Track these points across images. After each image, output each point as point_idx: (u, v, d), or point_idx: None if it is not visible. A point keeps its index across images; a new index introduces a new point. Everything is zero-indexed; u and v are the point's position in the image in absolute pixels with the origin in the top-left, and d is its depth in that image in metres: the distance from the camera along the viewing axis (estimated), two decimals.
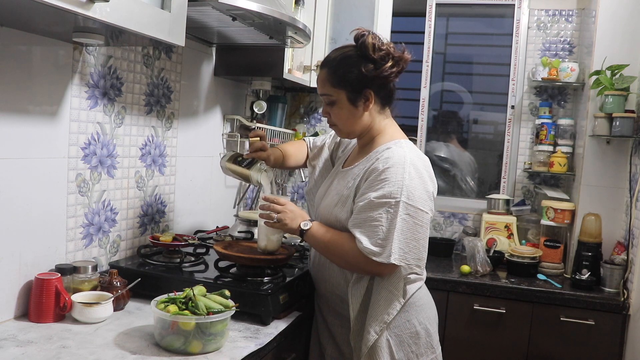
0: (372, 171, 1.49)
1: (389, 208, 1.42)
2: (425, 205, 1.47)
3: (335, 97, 1.55)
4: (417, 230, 1.45)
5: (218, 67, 2.36)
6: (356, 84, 1.52)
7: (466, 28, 3.23)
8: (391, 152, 1.50)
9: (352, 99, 1.54)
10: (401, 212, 1.42)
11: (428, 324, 1.59)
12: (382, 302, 1.49)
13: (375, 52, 1.49)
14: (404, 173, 1.44)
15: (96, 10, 1.08)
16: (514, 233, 2.71)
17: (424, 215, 1.46)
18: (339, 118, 1.58)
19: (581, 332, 2.27)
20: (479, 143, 3.15)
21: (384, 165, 1.46)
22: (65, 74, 1.56)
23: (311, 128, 3.14)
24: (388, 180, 1.44)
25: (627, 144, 2.44)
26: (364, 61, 1.50)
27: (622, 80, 2.34)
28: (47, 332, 1.36)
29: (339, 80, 1.53)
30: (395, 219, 1.42)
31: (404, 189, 1.43)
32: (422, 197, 1.46)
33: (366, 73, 1.50)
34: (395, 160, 1.47)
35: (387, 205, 1.42)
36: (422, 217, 1.46)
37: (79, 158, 1.64)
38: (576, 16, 2.80)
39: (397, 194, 1.42)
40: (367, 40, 1.49)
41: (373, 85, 1.52)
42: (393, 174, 1.44)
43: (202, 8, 1.61)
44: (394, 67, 1.51)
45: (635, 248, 2.25)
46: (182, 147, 2.17)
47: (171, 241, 1.81)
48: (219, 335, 1.32)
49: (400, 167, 1.45)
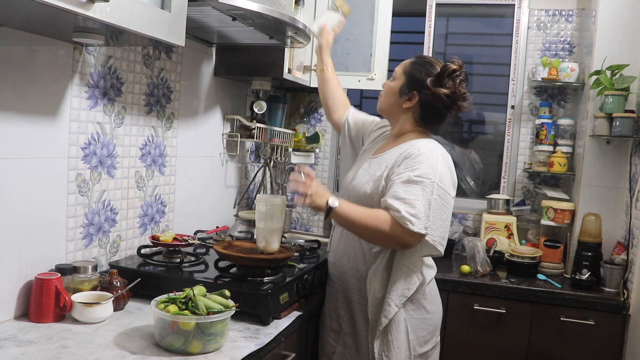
0: (407, 155, 1.63)
1: (424, 187, 1.55)
2: (452, 190, 1.63)
3: (397, 78, 1.76)
4: (444, 211, 1.59)
5: (218, 67, 2.36)
6: (414, 82, 1.71)
7: (466, 28, 3.23)
8: (423, 143, 1.67)
9: (402, 89, 1.73)
10: (435, 192, 1.56)
11: (436, 315, 1.77)
12: (403, 277, 1.62)
13: (447, 77, 1.66)
14: (437, 160, 1.61)
15: (96, 10, 1.08)
16: (514, 233, 2.71)
17: (450, 199, 1.62)
18: (386, 92, 1.80)
19: (581, 332, 2.27)
20: (479, 143, 3.15)
21: (419, 151, 1.62)
22: (65, 74, 1.56)
23: (311, 128, 3.14)
24: (424, 162, 1.59)
25: (627, 144, 2.44)
26: (434, 76, 1.67)
27: (622, 80, 2.34)
28: (47, 332, 1.36)
29: (410, 71, 1.73)
30: (431, 197, 1.55)
31: (437, 173, 1.58)
32: (450, 184, 1.62)
33: (426, 81, 1.68)
34: (429, 148, 1.64)
35: (423, 184, 1.55)
36: (449, 201, 1.61)
37: (79, 158, 1.64)
38: (576, 16, 2.80)
39: (432, 175, 1.57)
40: (450, 67, 1.66)
41: (422, 93, 1.69)
42: (428, 159, 1.60)
43: (202, 8, 1.61)
44: (447, 99, 1.67)
45: (635, 248, 2.25)
46: (182, 147, 2.17)
47: (171, 241, 1.81)
48: (219, 335, 1.32)
49: (434, 155, 1.62)
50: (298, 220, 3.17)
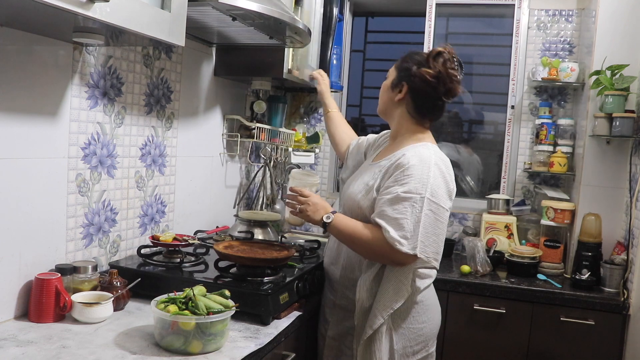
0: (397, 166, 1.58)
1: (414, 203, 1.51)
2: (446, 203, 1.56)
3: (390, 75, 1.75)
4: (437, 225, 1.53)
5: (218, 67, 2.36)
6: (402, 73, 1.68)
7: (466, 28, 3.22)
8: (417, 151, 1.60)
9: (393, 83, 1.71)
10: (425, 207, 1.51)
11: (429, 325, 1.67)
12: (392, 290, 1.57)
13: (432, 59, 1.62)
14: (429, 172, 1.54)
15: (96, 10, 1.08)
16: (514, 233, 2.71)
17: (444, 212, 1.55)
18: (381, 91, 1.78)
19: (581, 332, 2.27)
20: (479, 143, 3.15)
21: (410, 162, 1.56)
22: (65, 74, 1.56)
23: (311, 128, 3.14)
24: (413, 176, 1.53)
25: (627, 144, 2.44)
26: (420, 61, 1.65)
27: (622, 80, 2.34)
28: (47, 332, 1.36)
29: (399, 65, 1.72)
30: (420, 213, 1.50)
31: (429, 186, 1.52)
32: (444, 195, 1.56)
33: (412, 68, 1.65)
34: (421, 158, 1.57)
35: (412, 200, 1.51)
36: (443, 214, 1.55)
37: (79, 158, 1.64)
38: (576, 16, 2.80)
39: (422, 190, 1.51)
40: (435, 50, 1.64)
41: (410, 82, 1.66)
42: (419, 171, 1.54)
43: (202, 8, 1.61)
44: (433, 79, 1.61)
45: (635, 248, 2.25)
46: (182, 147, 2.17)
47: (171, 241, 1.81)
48: (219, 335, 1.32)
49: (426, 166, 1.55)
50: None
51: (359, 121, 3.47)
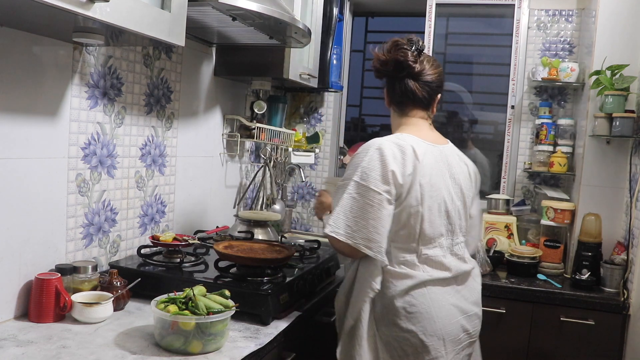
0: None
1: (344, 188, 1.50)
2: (379, 186, 1.46)
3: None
4: (366, 209, 1.46)
5: (218, 67, 2.36)
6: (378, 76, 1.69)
7: (466, 28, 3.22)
8: (370, 141, 1.56)
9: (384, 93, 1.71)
10: (351, 190, 1.48)
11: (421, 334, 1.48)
12: (359, 290, 1.55)
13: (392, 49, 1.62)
14: (365, 156, 1.50)
15: (96, 10, 1.08)
16: (514, 233, 2.71)
17: (375, 195, 1.46)
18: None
19: (581, 332, 2.27)
20: (478, 143, 3.15)
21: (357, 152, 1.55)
22: (65, 74, 1.56)
23: (311, 128, 3.14)
24: (351, 164, 1.53)
25: (627, 144, 2.44)
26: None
27: (622, 80, 2.34)
28: (47, 332, 1.36)
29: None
30: (343, 195, 1.49)
31: (359, 170, 1.49)
32: (376, 178, 1.47)
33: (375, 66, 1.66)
34: (366, 145, 1.54)
35: (343, 186, 1.51)
36: (374, 197, 1.46)
37: (79, 158, 1.64)
38: (576, 16, 2.80)
39: (352, 174, 1.50)
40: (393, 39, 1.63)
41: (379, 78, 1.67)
42: (356, 158, 1.52)
43: (202, 8, 1.61)
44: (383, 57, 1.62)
45: (635, 248, 2.25)
46: (182, 147, 2.17)
47: (171, 241, 1.81)
48: (219, 335, 1.32)
49: (365, 151, 1.52)
50: (298, 220, 3.17)
51: (359, 121, 3.47)
